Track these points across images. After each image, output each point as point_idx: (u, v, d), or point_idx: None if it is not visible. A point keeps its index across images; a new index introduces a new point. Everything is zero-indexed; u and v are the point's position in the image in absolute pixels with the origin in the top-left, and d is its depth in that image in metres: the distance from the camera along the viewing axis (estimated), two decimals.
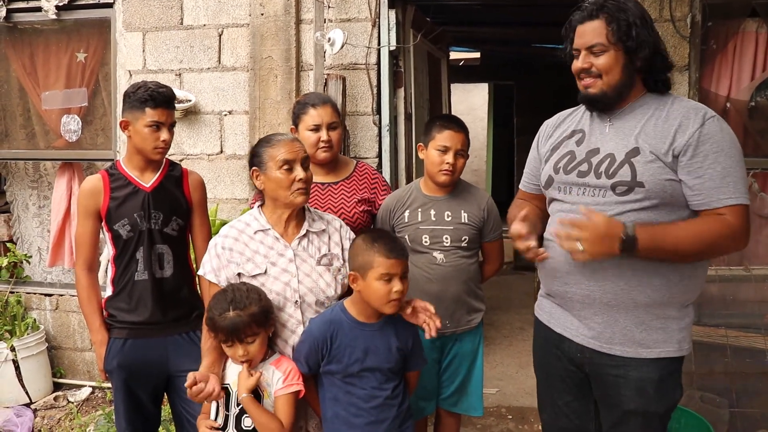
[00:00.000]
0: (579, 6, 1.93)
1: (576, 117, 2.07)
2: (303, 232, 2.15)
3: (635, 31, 1.82)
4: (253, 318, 1.96)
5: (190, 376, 1.95)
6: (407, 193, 2.60)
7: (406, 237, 2.52)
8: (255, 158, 2.14)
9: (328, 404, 2.05)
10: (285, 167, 2.06)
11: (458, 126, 2.52)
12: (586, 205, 1.92)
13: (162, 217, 2.43)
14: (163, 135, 2.38)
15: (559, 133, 2.09)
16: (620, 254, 1.76)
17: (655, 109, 1.88)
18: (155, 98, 2.35)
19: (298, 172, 2.07)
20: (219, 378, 2.05)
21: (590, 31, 1.87)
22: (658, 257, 1.80)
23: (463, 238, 2.49)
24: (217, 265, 2.11)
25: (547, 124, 2.18)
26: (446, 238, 2.49)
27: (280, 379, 2.01)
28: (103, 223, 2.44)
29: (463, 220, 2.50)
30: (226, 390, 2.06)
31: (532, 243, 1.94)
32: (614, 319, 1.90)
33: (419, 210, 2.53)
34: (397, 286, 1.95)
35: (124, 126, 2.42)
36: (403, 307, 2.06)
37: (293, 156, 2.08)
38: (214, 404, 2.09)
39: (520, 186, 2.27)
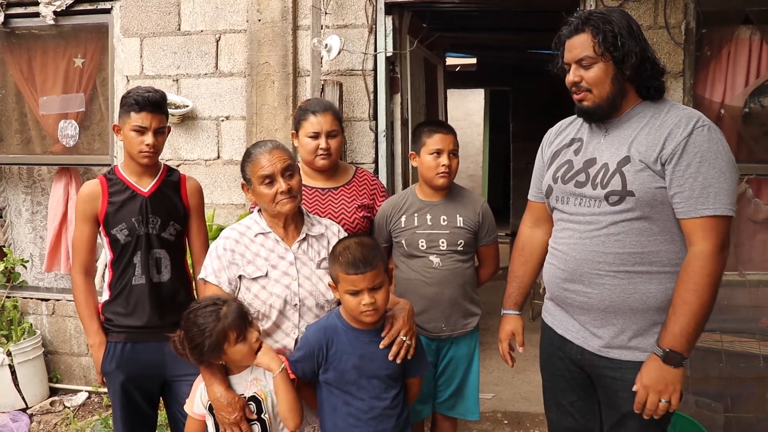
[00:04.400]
0: (566, 20, 1.94)
1: (576, 125, 2.10)
2: (303, 235, 2.17)
3: (621, 41, 1.83)
4: (233, 325, 1.95)
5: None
6: (403, 198, 2.62)
7: (403, 241, 2.53)
8: (243, 174, 2.17)
9: (327, 415, 2.05)
10: (266, 182, 2.08)
11: (446, 128, 2.56)
12: (582, 215, 1.94)
13: (160, 221, 2.44)
14: (147, 139, 2.38)
15: (560, 140, 2.12)
16: (679, 368, 1.80)
17: (651, 118, 1.88)
18: (139, 102, 2.37)
19: (279, 185, 2.07)
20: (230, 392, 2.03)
21: (578, 45, 1.88)
22: (699, 334, 1.80)
23: (459, 242, 2.51)
24: (218, 267, 2.13)
25: (550, 132, 2.20)
26: (442, 242, 2.50)
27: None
28: (100, 228, 2.44)
29: (458, 224, 2.52)
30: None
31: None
32: (611, 324, 1.92)
33: (415, 215, 2.54)
34: (365, 299, 1.92)
35: (117, 130, 2.46)
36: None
37: (271, 170, 2.08)
38: (210, 420, 2.06)
39: (529, 196, 2.26)
